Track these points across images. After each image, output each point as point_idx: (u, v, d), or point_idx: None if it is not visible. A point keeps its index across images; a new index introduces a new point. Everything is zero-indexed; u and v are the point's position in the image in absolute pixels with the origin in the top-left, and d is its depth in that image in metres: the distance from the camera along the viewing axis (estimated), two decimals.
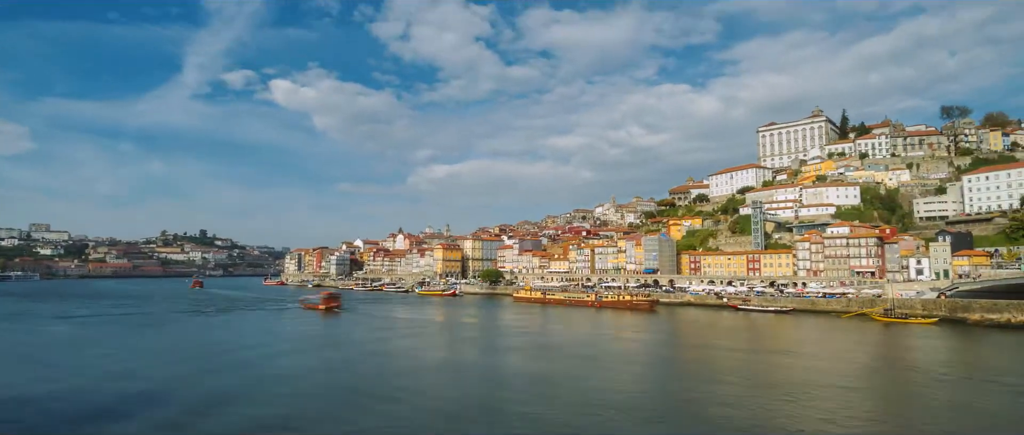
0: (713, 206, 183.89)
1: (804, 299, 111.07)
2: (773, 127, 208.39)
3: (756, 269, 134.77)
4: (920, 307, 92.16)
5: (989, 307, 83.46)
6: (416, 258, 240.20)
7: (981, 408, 38.63)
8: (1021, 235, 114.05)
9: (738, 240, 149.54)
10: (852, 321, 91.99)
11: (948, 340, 71.57)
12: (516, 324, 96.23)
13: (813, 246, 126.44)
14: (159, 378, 48.61)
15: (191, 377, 49.24)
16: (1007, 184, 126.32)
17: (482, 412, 37.69)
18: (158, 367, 54.18)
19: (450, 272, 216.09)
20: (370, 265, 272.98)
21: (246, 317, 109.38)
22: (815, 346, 69.45)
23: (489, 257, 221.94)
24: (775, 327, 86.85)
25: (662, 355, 63.16)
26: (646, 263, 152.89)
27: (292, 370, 53.19)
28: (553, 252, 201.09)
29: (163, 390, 44.13)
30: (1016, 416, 37.28)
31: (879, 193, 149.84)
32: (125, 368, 53.40)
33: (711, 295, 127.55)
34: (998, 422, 35.85)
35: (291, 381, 47.83)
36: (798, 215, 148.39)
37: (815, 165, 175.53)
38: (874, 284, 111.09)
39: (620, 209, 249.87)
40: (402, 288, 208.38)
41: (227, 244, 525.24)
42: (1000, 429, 34.66)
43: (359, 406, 39.15)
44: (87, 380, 48.41)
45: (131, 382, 47.28)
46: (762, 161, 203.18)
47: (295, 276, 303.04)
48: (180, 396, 42.18)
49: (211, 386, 45.96)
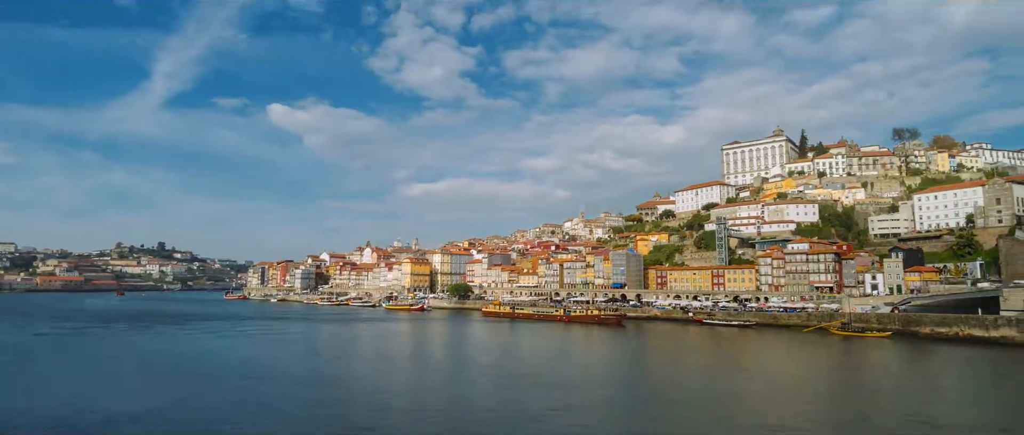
0: (679, 222, 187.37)
1: (766, 313, 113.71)
2: (736, 146, 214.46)
3: (721, 284, 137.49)
4: (875, 321, 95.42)
5: (938, 321, 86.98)
6: (384, 272, 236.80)
7: (928, 420, 39.98)
8: (967, 252, 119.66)
9: (703, 255, 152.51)
10: (811, 335, 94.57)
11: (900, 353, 74.20)
12: (483, 342, 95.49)
13: (775, 261, 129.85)
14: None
15: None
16: (953, 203, 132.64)
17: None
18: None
19: (418, 286, 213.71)
20: (336, 279, 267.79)
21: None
22: (777, 360, 71.02)
23: (458, 271, 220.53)
24: (739, 342, 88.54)
25: (631, 378, 63.22)
26: (614, 278, 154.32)
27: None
28: (522, 266, 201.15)
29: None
30: (960, 426, 38.72)
31: (836, 211, 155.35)
32: None
33: (677, 309, 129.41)
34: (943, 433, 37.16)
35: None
36: (760, 231, 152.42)
37: (776, 183, 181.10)
38: (832, 299, 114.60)
39: (589, 224, 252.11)
40: (369, 303, 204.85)
41: (187, 257, 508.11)
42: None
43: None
44: None
45: None
46: (726, 178, 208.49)
47: (258, 290, 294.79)
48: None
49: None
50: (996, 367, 63.69)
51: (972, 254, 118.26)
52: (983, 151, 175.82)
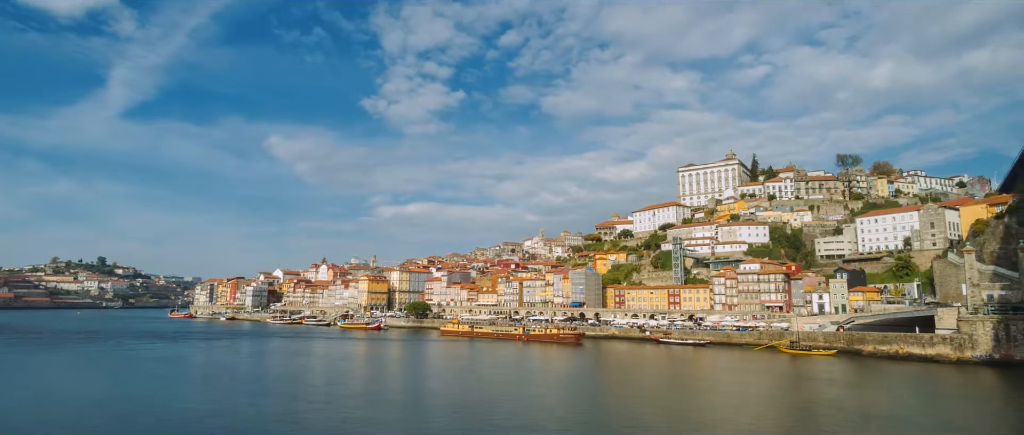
0: (637, 242, 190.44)
1: (720, 332, 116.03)
2: (692, 168, 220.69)
3: (676, 303, 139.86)
4: (822, 339, 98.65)
5: (880, 339, 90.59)
6: (340, 290, 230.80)
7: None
8: (905, 273, 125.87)
9: (660, 275, 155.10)
10: (762, 353, 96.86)
11: (845, 371, 76.68)
12: (438, 363, 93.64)
13: (728, 281, 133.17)
14: None
15: None
16: (892, 227, 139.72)
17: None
18: None
19: (376, 305, 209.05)
20: (290, 297, 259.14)
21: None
22: (728, 380, 72.17)
23: (417, 289, 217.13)
24: (694, 360, 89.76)
25: (587, 399, 62.98)
26: (573, 296, 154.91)
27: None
28: (482, 285, 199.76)
29: None
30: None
31: (786, 232, 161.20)
32: None
33: (635, 328, 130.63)
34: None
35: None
36: (714, 251, 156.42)
37: (729, 205, 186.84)
38: (782, 317, 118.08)
39: (549, 243, 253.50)
40: (323, 321, 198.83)
41: (129, 273, 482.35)
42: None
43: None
44: None
45: None
46: (682, 199, 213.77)
47: (206, 308, 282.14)
48: None
49: None
50: (930, 383, 66.49)
51: (909, 275, 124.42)
52: (919, 178, 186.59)
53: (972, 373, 71.32)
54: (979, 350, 78.07)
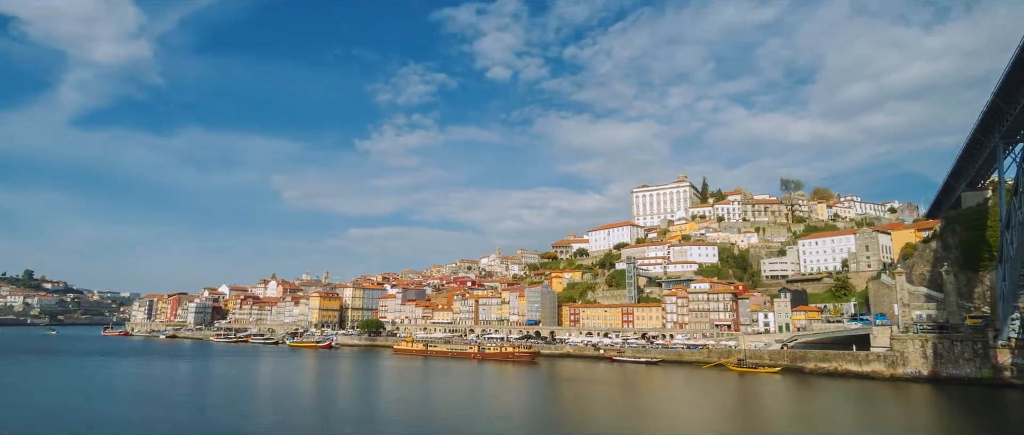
0: (592, 260, 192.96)
1: (671, 350, 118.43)
2: (645, 189, 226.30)
3: (630, 321, 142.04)
4: (767, 357, 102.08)
5: (821, 357, 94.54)
6: (290, 307, 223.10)
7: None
8: (843, 293, 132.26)
9: (614, 293, 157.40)
10: (711, 371, 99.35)
11: (787, 388, 79.53)
12: (389, 383, 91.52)
13: (679, 300, 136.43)
14: None
15: None
16: (832, 249, 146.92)
17: None
18: None
19: (327, 322, 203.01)
20: (236, 314, 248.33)
21: None
22: (679, 397, 73.61)
23: (370, 307, 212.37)
24: (646, 378, 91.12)
25: (540, 423, 62.89)
26: (529, 314, 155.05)
27: None
28: (437, 302, 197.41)
29: None
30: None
31: (733, 253, 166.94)
32: None
33: (589, 346, 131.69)
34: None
35: None
36: (666, 271, 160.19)
37: (681, 225, 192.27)
38: (730, 336, 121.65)
39: (505, 261, 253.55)
40: (271, 339, 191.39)
41: (59, 287, 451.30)
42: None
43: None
44: None
45: None
46: (636, 219, 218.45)
47: (143, 326, 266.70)
48: None
49: None
50: (866, 400, 69.70)
51: (847, 295, 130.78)
52: (855, 203, 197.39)
53: (904, 389, 75.29)
54: (910, 367, 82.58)
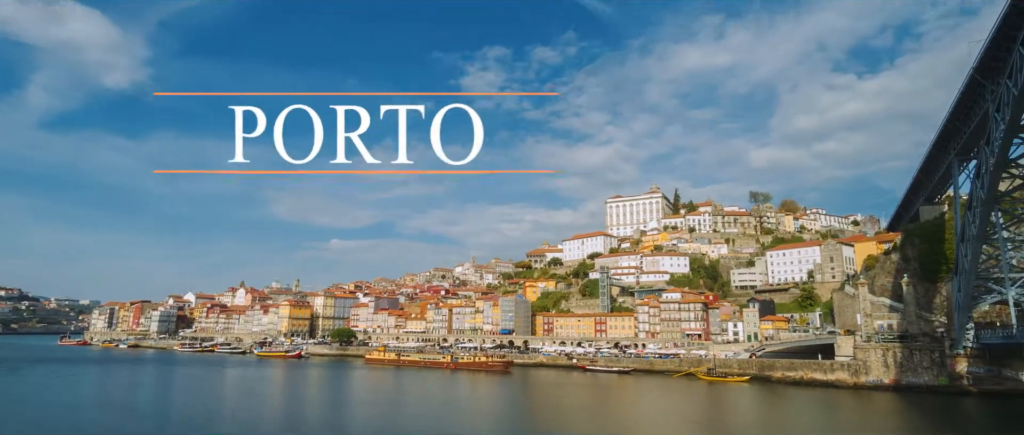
0: (566, 270, 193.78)
1: (643, 359, 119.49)
2: (619, 199, 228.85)
3: (603, 331, 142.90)
4: (736, 366, 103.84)
5: (788, 366, 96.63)
6: (258, 315, 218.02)
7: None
8: (809, 303, 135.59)
9: (588, 303, 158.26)
10: (682, 380, 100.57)
11: (755, 396, 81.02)
12: (361, 393, 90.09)
13: (651, 310, 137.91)
14: None
15: None
16: (798, 260, 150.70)
17: None
18: None
19: (297, 331, 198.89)
20: (202, 322, 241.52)
21: None
22: (650, 406, 74.27)
23: (342, 316, 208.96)
24: (617, 387, 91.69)
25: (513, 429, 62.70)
26: (502, 324, 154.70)
27: None
28: (410, 311, 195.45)
29: None
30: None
31: (704, 263, 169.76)
32: None
33: (562, 356, 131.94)
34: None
35: None
36: (639, 281, 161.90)
37: (653, 236, 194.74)
38: (700, 345, 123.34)
39: (479, 270, 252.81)
40: (239, 349, 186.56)
41: (13, 295, 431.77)
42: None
43: None
44: None
45: None
46: (609, 229, 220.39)
47: (103, 335, 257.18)
48: None
49: None
50: (829, 407, 71.46)
51: (813, 305, 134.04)
52: (820, 216, 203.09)
53: (866, 397, 77.41)
54: (872, 375, 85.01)
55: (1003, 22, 56.50)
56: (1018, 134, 61.08)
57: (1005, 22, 56.27)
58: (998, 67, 60.91)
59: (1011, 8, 54.20)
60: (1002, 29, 57.31)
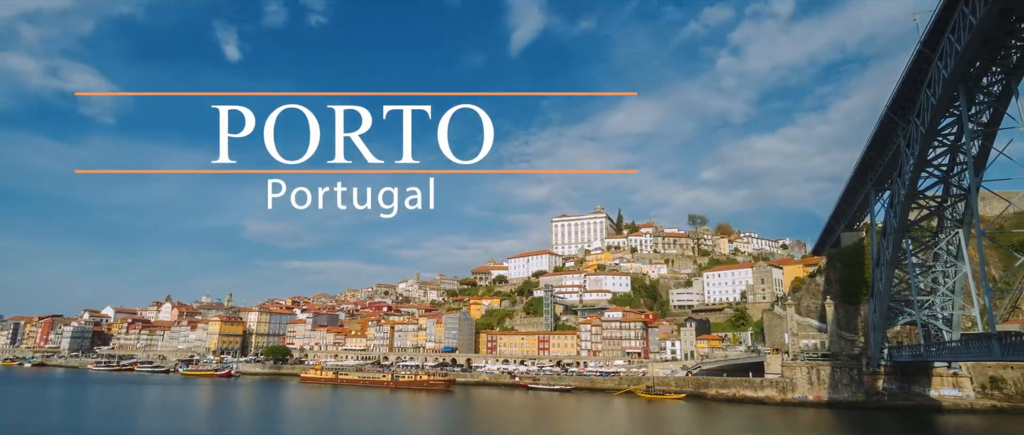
0: (511, 287, 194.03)
1: (585, 377, 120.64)
2: (564, 218, 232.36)
3: (546, 349, 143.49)
4: (674, 384, 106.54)
5: (721, 384, 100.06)
6: (185, 332, 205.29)
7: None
8: (741, 323, 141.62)
9: (532, 321, 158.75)
10: (622, 398, 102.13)
11: (691, 412, 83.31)
12: (293, 413, 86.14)
13: (593, 328, 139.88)
14: None
15: None
16: (732, 281, 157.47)
17: None
18: None
19: (228, 349, 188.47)
20: (121, 339, 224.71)
21: None
22: (589, 422, 74.83)
23: (277, 332, 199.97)
24: (559, 405, 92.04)
25: None
26: (446, 341, 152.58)
27: None
28: (351, 328, 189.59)
29: None
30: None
31: (645, 283, 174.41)
32: None
33: (505, 374, 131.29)
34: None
35: None
36: (582, 299, 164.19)
37: (597, 255, 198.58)
38: (640, 363, 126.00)
39: (424, 286, 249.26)
40: (161, 368, 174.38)
41: None
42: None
43: None
44: None
45: None
46: (554, 248, 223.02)
47: (4, 352, 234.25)
48: None
49: None
50: (758, 423, 74.47)
51: (745, 325, 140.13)
52: (752, 239, 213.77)
53: (792, 413, 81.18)
54: (798, 392, 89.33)
55: (912, 66, 61.92)
56: (925, 168, 66.76)
57: (913, 66, 61.69)
58: (908, 107, 66.56)
59: (918, 54, 59.54)
60: (911, 73, 62.79)
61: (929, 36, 56.42)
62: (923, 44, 57.86)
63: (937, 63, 56.37)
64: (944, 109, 58.78)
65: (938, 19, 54.13)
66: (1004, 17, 47.41)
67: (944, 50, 54.47)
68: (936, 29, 55.06)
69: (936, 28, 54.96)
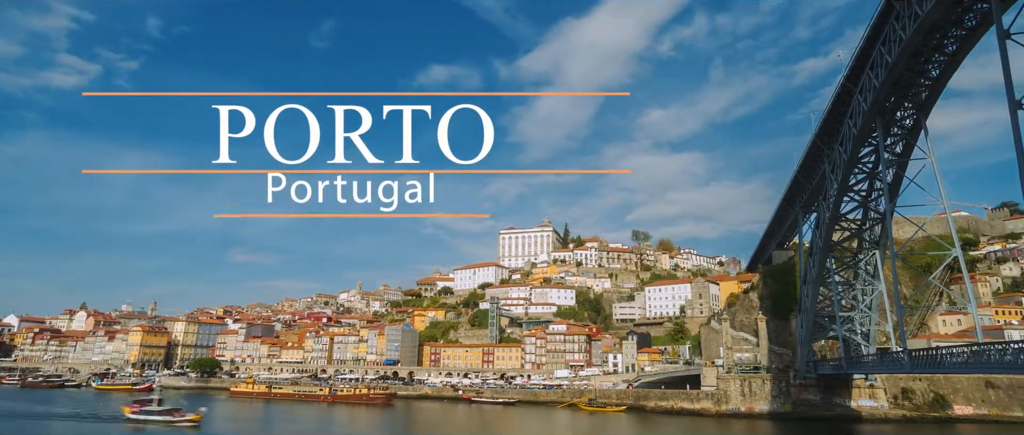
0: (457, 299, 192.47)
1: (528, 390, 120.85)
2: (512, 231, 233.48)
3: (490, 361, 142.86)
4: (615, 397, 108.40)
5: (660, 396, 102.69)
6: (102, 342, 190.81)
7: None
8: (680, 336, 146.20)
9: (477, 333, 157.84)
10: (564, 410, 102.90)
11: (630, 425, 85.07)
12: (219, 428, 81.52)
13: (538, 341, 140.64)
14: None
15: None
16: (672, 296, 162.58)
17: None
18: None
19: (150, 361, 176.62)
20: (26, 350, 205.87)
21: None
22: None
23: (207, 343, 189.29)
24: (501, 419, 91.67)
25: None
26: (388, 354, 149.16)
27: None
28: (287, 339, 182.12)
29: None
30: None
31: (589, 297, 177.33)
32: None
33: (448, 387, 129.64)
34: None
35: None
36: (528, 312, 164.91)
37: (543, 268, 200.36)
38: (583, 377, 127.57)
39: (366, 296, 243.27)
40: (72, 381, 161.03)
41: None
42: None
43: None
44: None
45: None
46: (501, 260, 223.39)
47: None
48: None
49: None
50: (693, 434, 77.00)
51: (684, 338, 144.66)
52: (692, 255, 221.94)
53: (726, 424, 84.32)
54: (731, 404, 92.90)
55: (836, 98, 66.64)
56: (847, 193, 71.68)
57: (838, 98, 66.41)
58: (834, 135, 71.44)
59: (842, 87, 64.17)
60: (836, 104, 67.54)
61: (851, 71, 60.97)
62: (846, 78, 62.45)
63: (858, 96, 60.95)
64: (864, 139, 63.55)
65: (860, 55, 58.61)
66: (915, 58, 51.98)
67: (864, 85, 59.01)
68: (858, 65, 59.59)
69: (858, 64, 59.48)
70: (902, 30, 48.72)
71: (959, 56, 51.39)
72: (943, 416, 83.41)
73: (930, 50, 51.35)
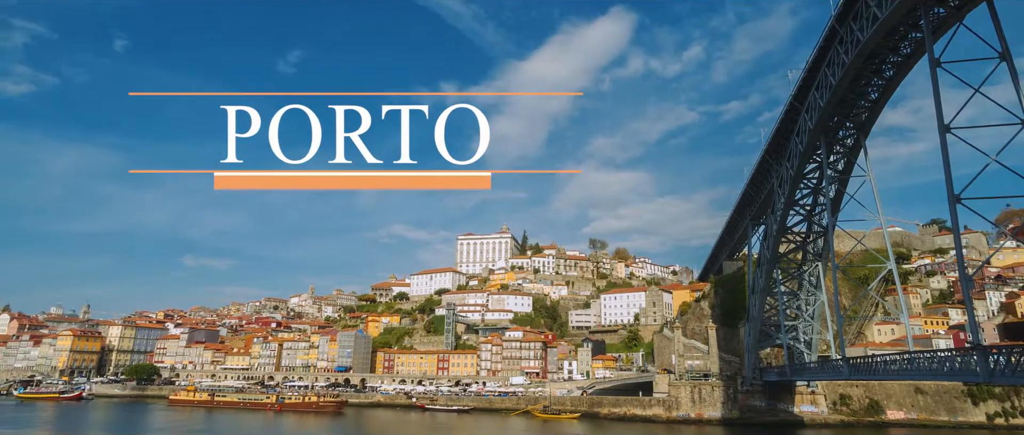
0: (412, 305, 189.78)
1: (483, 397, 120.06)
2: (470, 237, 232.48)
3: (445, 368, 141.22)
4: (569, 404, 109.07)
5: (614, 403, 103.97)
6: (27, 347, 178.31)
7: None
8: (634, 344, 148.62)
9: (432, 340, 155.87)
10: (519, 418, 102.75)
11: (584, 431, 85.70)
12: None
13: (494, 348, 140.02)
14: None
15: None
16: (627, 304, 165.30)
17: None
18: None
19: (81, 367, 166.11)
20: None
21: None
22: None
23: (145, 349, 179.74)
24: (455, 427, 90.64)
25: None
26: (340, 360, 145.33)
27: None
28: (233, 345, 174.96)
29: None
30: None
31: (546, 304, 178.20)
32: None
33: (401, 395, 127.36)
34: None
35: None
36: (484, 319, 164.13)
37: (500, 275, 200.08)
38: (538, 383, 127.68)
39: (319, 301, 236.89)
40: None
41: None
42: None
43: None
44: None
45: None
46: (459, 266, 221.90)
47: None
48: None
49: None
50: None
51: (637, 346, 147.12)
52: (646, 264, 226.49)
53: (676, 430, 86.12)
54: (682, 410, 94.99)
55: (784, 116, 69.55)
56: (793, 207, 74.79)
57: (786, 116, 69.32)
58: (781, 151, 74.47)
59: (790, 107, 67.04)
60: (784, 122, 70.48)
61: (799, 91, 63.80)
62: (794, 97, 65.29)
63: (804, 115, 63.84)
64: (809, 156, 66.56)
65: (806, 77, 61.42)
66: (856, 81, 54.97)
67: (810, 104, 61.88)
68: (805, 85, 62.43)
69: (805, 84, 62.31)
70: (845, 54, 51.39)
71: (895, 81, 54.67)
72: (877, 420, 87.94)
73: (870, 74, 54.40)
